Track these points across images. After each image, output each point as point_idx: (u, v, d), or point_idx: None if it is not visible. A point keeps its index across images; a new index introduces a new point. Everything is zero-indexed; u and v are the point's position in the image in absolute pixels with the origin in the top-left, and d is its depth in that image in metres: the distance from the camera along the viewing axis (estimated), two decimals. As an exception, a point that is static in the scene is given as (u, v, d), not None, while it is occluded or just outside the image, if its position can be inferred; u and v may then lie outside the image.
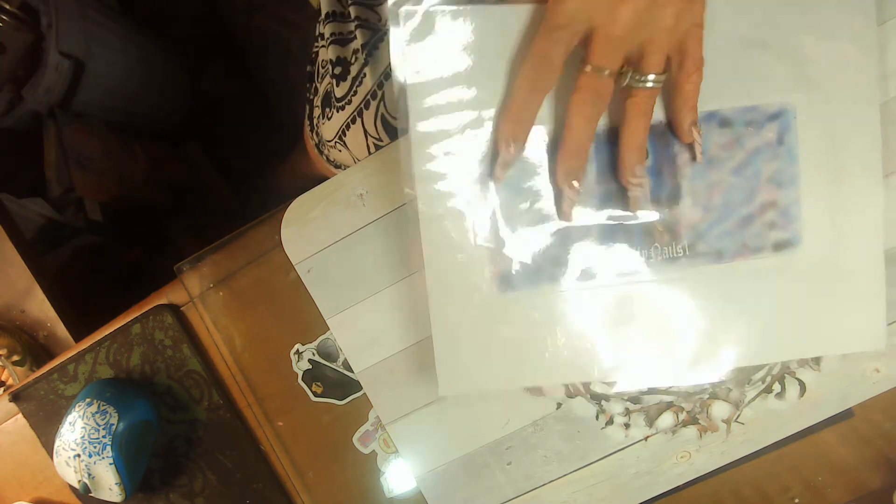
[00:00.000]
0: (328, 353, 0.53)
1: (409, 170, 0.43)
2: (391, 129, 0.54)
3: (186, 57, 1.32)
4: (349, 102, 0.58)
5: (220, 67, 1.40)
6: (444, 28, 0.40)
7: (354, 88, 0.57)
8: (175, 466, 0.58)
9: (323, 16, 0.61)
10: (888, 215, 0.45)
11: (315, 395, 0.54)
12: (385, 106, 0.54)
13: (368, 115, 0.56)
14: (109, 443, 0.52)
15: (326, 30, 0.61)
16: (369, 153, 0.57)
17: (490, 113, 0.41)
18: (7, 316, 0.73)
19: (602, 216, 0.43)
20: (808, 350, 0.45)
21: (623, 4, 0.34)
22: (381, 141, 0.55)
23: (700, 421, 0.49)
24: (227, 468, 0.57)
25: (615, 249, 0.43)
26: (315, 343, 0.53)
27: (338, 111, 0.60)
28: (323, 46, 0.63)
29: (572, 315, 0.44)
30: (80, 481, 0.53)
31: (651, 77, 0.37)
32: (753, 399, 0.49)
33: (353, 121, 0.58)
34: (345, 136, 0.60)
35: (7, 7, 0.89)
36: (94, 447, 0.52)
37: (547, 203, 0.43)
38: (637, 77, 0.37)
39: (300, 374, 0.54)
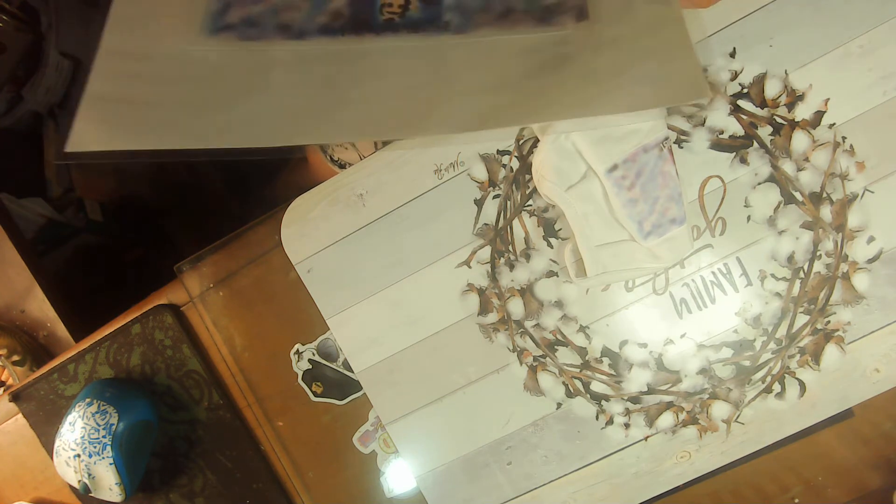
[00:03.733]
0: (328, 353, 0.53)
1: None
2: None
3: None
4: None
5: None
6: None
7: None
8: (175, 466, 0.58)
9: None
10: (888, 216, 0.45)
11: (315, 395, 0.54)
12: None
13: None
14: (109, 443, 0.52)
15: None
16: (376, 150, 0.57)
17: None
18: (7, 316, 0.73)
19: None
20: (623, 106, 0.40)
21: None
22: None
23: (700, 421, 0.49)
24: (227, 468, 0.57)
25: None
26: (315, 343, 0.53)
27: None
28: None
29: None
30: (80, 481, 0.53)
31: None
32: (753, 399, 0.49)
33: None
34: None
35: (7, 7, 0.89)
36: (94, 447, 0.52)
37: None
38: None
39: (300, 374, 0.54)
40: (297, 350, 0.54)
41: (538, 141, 0.47)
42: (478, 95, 0.40)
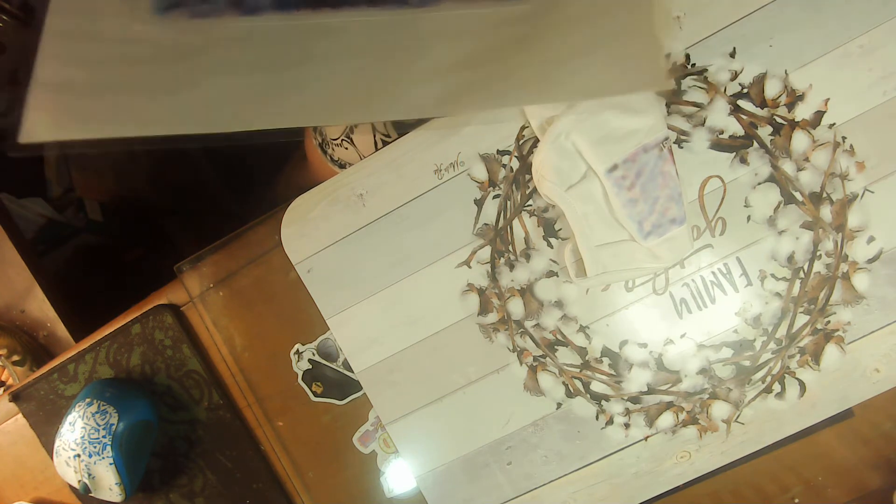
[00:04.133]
0: (328, 353, 0.53)
1: None
2: (400, 124, 0.54)
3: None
4: None
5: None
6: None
7: None
8: (175, 466, 0.58)
9: None
10: (888, 216, 0.45)
11: (315, 395, 0.54)
12: None
13: None
14: (109, 443, 0.52)
15: None
16: (376, 149, 0.57)
17: None
18: (7, 316, 0.73)
19: None
20: (582, 93, 0.40)
21: None
22: (389, 137, 0.55)
23: (700, 421, 0.49)
24: (227, 468, 0.57)
25: None
26: (315, 343, 0.53)
27: None
28: None
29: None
30: (80, 481, 0.53)
31: None
32: (753, 399, 0.49)
33: None
34: (353, 133, 0.61)
35: (7, 7, 0.88)
36: (94, 447, 0.52)
37: None
38: None
39: (300, 374, 0.54)
40: (297, 350, 0.54)
41: (538, 141, 0.47)
42: (437, 78, 0.39)
